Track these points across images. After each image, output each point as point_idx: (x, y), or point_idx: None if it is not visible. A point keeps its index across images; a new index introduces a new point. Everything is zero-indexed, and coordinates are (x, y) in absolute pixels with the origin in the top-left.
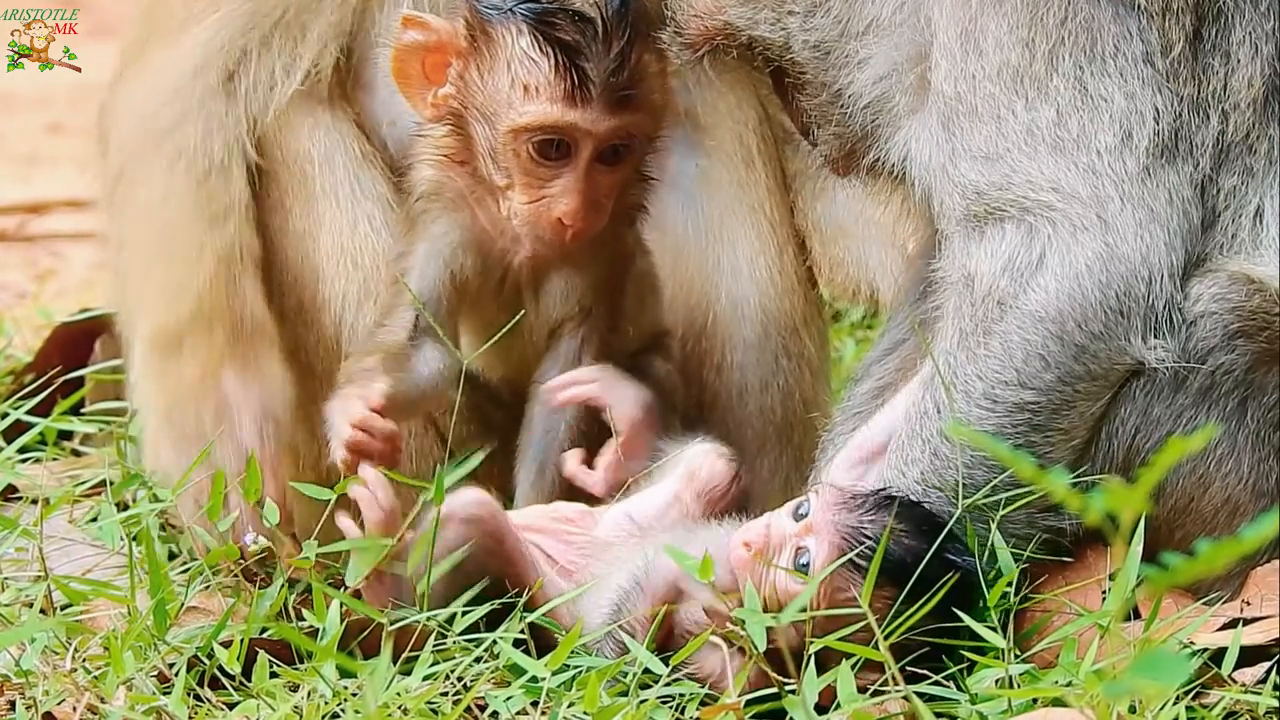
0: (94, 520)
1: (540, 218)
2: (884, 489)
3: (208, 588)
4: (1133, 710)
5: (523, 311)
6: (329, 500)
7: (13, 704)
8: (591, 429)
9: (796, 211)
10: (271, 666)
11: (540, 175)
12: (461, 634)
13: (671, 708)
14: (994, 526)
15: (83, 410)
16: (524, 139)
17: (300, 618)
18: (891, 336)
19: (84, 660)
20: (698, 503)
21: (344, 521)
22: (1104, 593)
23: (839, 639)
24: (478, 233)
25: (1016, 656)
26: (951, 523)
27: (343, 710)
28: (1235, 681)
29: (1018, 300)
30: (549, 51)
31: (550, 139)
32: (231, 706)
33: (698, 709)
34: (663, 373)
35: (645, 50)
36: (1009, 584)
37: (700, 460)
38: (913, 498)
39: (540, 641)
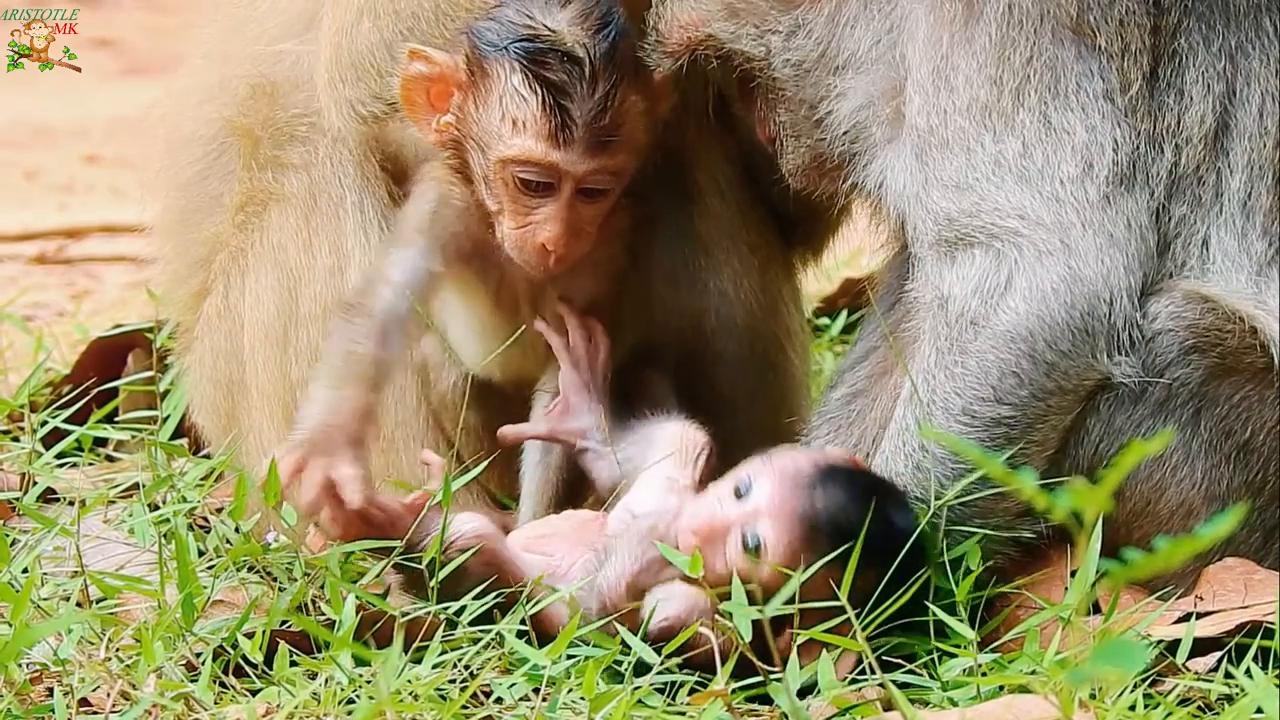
0: (129, 517)
1: (526, 243)
2: (825, 458)
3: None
4: (1093, 696)
5: (523, 327)
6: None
7: (50, 691)
8: None
9: None
10: (291, 656)
11: (526, 204)
12: (469, 625)
13: (664, 694)
14: (964, 525)
15: (116, 419)
16: (510, 169)
17: (318, 610)
18: (863, 345)
19: (117, 650)
20: (690, 474)
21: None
22: (1066, 588)
23: (823, 630)
24: (480, 241)
25: (984, 648)
26: (926, 521)
27: (357, 696)
28: (1189, 670)
29: (989, 321)
30: (537, 90)
31: (533, 173)
32: (254, 693)
33: (688, 695)
34: (659, 386)
35: (631, 92)
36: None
37: (677, 436)
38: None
39: (542, 632)
